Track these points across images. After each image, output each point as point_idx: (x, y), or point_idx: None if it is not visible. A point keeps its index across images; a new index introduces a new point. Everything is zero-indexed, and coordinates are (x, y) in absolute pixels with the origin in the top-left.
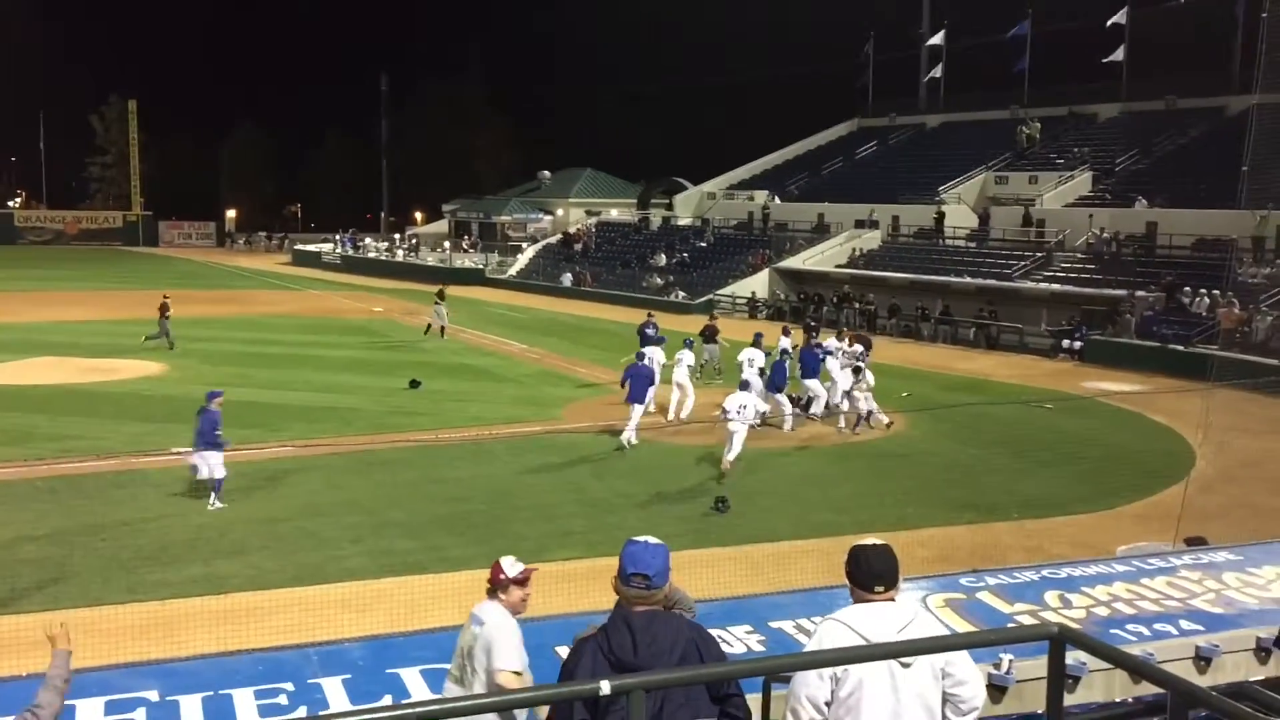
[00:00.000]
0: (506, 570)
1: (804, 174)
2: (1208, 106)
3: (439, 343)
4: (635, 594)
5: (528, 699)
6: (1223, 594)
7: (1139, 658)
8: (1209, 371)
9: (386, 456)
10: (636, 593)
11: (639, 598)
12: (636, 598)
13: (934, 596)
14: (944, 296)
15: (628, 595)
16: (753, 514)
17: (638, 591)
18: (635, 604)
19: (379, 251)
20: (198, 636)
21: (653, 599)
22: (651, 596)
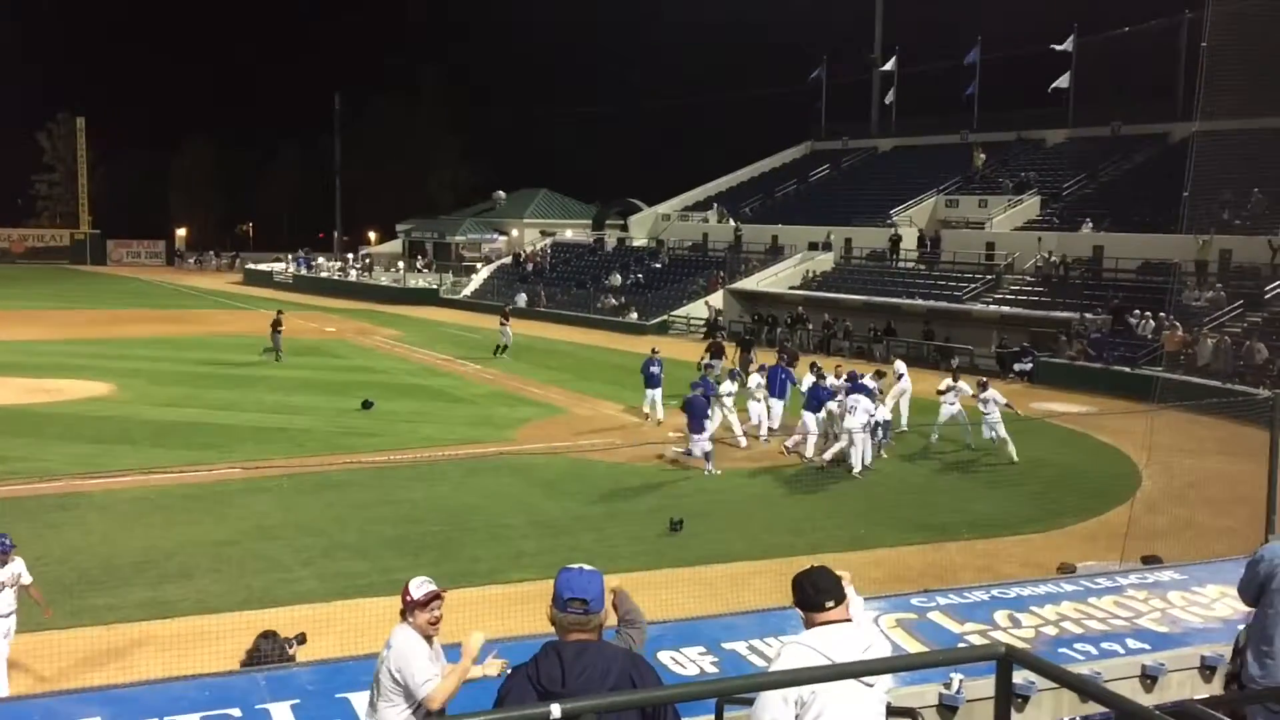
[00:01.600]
0: (411, 592)
1: (758, 196)
2: (1152, 133)
3: (391, 363)
4: (574, 619)
5: None
6: (1168, 613)
7: (1084, 677)
8: (1154, 393)
9: (338, 478)
10: (575, 618)
11: (577, 624)
12: (574, 624)
13: (886, 617)
14: (895, 318)
15: (565, 622)
16: (707, 534)
17: (576, 617)
18: (571, 631)
19: (332, 271)
20: (144, 662)
21: (590, 625)
22: (589, 622)
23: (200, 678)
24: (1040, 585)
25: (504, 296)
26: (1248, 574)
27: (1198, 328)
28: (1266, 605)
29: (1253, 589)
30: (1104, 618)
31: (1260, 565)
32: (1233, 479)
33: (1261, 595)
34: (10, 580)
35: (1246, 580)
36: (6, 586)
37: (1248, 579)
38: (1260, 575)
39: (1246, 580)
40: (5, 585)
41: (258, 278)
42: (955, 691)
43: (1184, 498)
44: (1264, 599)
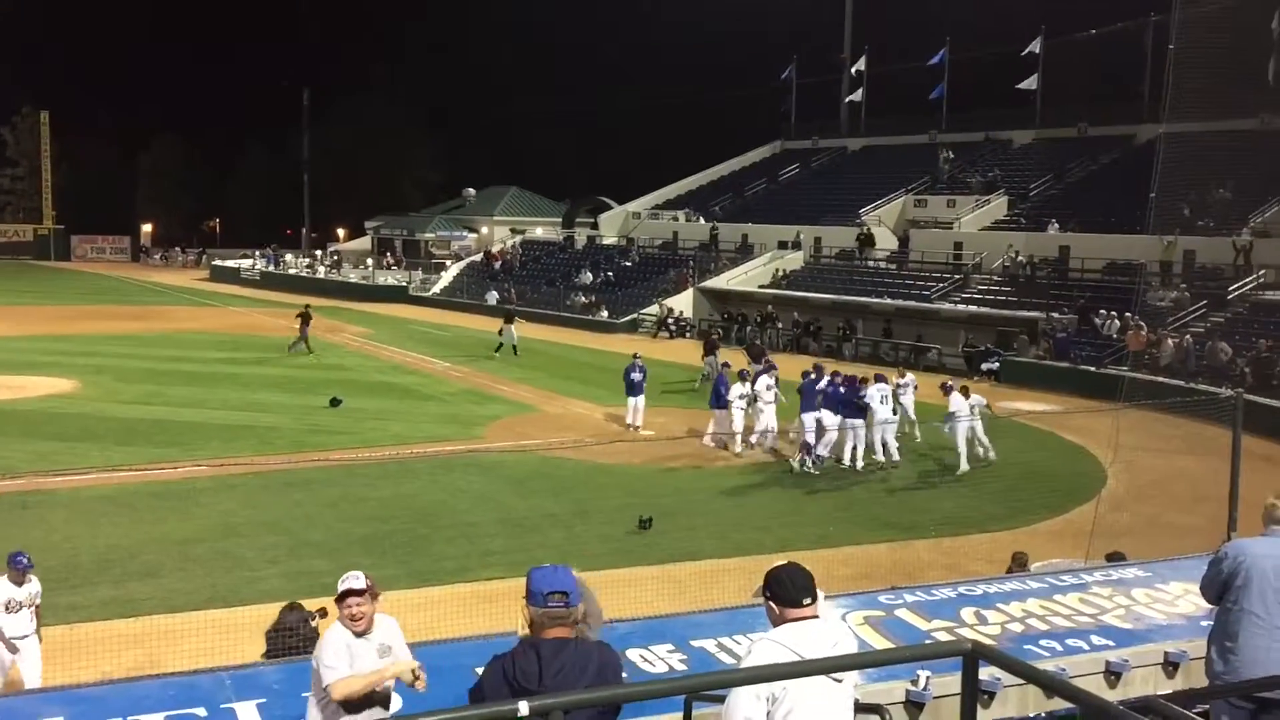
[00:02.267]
0: (337, 587)
1: (728, 195)
2: (1118, 134)
3: (360, 360)
4: (556, 613)
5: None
6: (1132, 610)
7: (1050, 673)
8: (1119, 392)
9: (306, 476)
10: (557, 611)
11: (559, 617)
12: (556, 618)
13: (854, 614)
14: (864, 317)
15: (546, 617)
16: (676, 533)
17: (558, 610)
18: (550, 627)
19: (300, 268)
20: (107, 661)
21: (570, 618)
22: (571, 615)
23: (165, 677)
24: (1006, 582)
25: (474, 294)
26: (1210, 572)
27: (1162, 327)
28: (1230, 603)
29: (1216, 587)
30: (1069, 614)
31: (1224, 564)
32: (1196, 477)
33: (1225, 593)
34: (29, 600)
35: (1209, 579)
36: (25, 606)
37: (1210, 577)
38: (1224, 574)
39: (1209, 579)
40: (24, 605)
41: (224, 274)
42: (922, 688)
43: (1148, 496)
44: (1227, 596)
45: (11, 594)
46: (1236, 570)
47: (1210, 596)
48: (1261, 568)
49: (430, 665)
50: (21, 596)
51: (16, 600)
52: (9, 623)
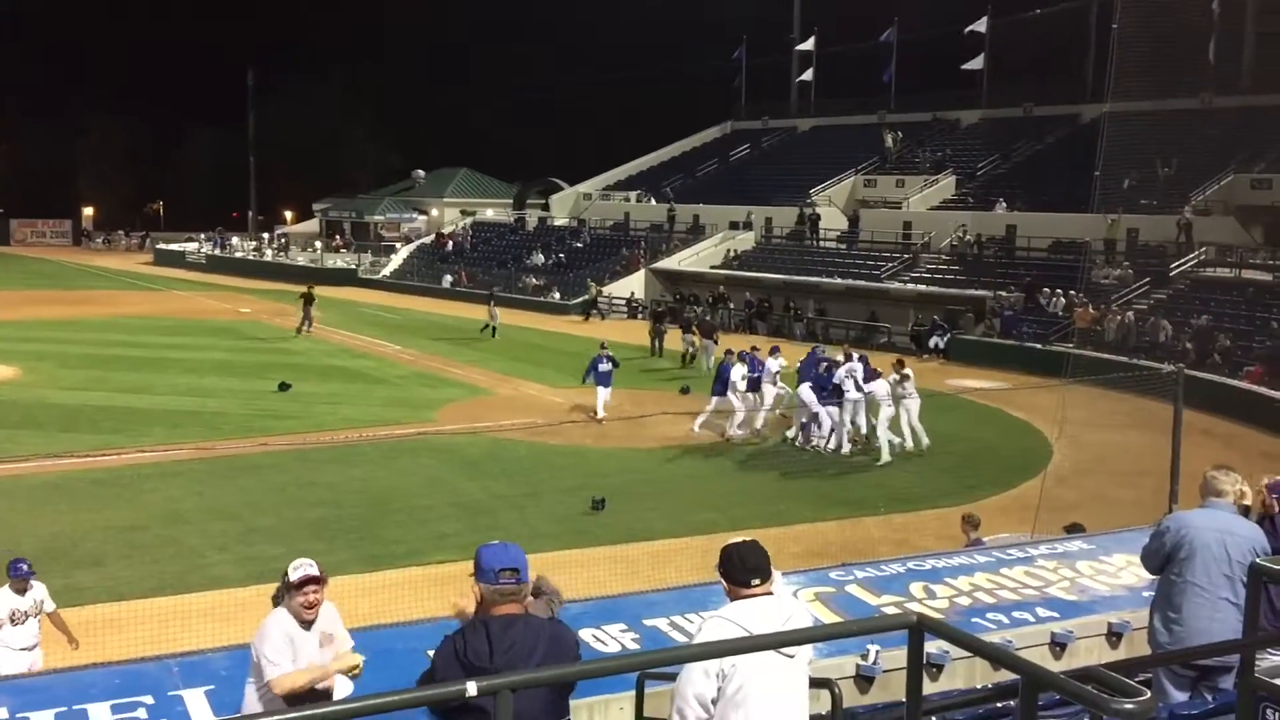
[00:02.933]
0: (289, 574)
1: (679, 176)
2: (1063, 114)
3: (309, 344)
4: (508, 589)
5: (390, 702)
6: (1077, 582)
7: (993, 644)
8: (1064, 369)
9: (254, 461)
10: (508, 588)
11: (511, 594)
12: (509, 594)
13: (805, 591)
14: (815, 296)
15: (496, 594)
16: (629, 513)
17: (509, 586)
18: (501, 604)
19: (246, 251)
20: (51, 651)
21: (521, 594)
22: (520, 591)
23: (110, 665)
24: (954, 557)
25: (425, 276)
26: (1152, 544)
27: (1105, 305)
28: (1172, 573)
29: (1159, 559)
30: (1015, 587)
31: (1166, 536)
32: (1139, 452)
33: (1167, 565)
34: (33, 609)
35: (1152, 550)
36: (30, 616)
37: (1153, 549)
38: (1166, 545)
39: (1152, 550)
40: (29, 615)
41: (169, 258)
42: (872, 662)
43: (1092, 470)
44: (1170, 568)
45: (15, 605)
46: (1179, 543)
47: (1152, 568)
48: (1204, 540)
49: (382, 649)
50: (26, 606)
51: (21, 610)
52: (15, 635)
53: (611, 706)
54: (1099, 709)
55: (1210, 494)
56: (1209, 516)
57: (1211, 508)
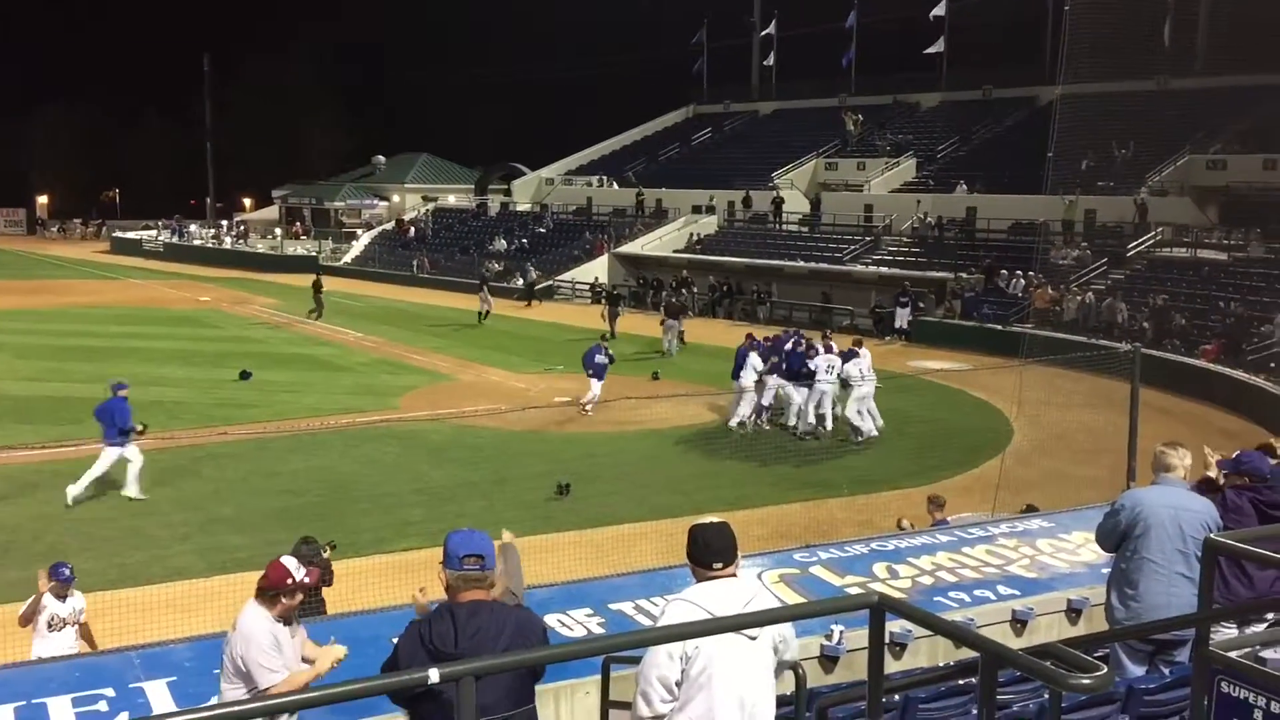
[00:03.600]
0: (293, 573)
1: (641, 160)
2: (1021, 96)
3: (269, 332)
4: (472, 576)
5: (355, 690)
6: (1037, 559)
7: (953, 623)
8: (1022, 349)
9: (215, 450)
10: (472, 574)
11: (475, 580)
12: (472, 580)
13: (769, 572)
14: (778, 280)
15: (463, 579)
16: (594, 498)
17: (473, 573)
18: (465, 590)
19: (205, 239)
20: (11, 644)
21: (486, 581)
22: (486, 578)
23: (71, 658)
24: (917, 537)
25: (386, 263)
26: (1108, 522)
27: (1064, 285)
28: (1129, 551)
29: (1115, 536)
30: (976, 566)
31: (1122, 514)
32: (1097, 430)
33: (1124, 542)
34: (71, 618)
35: (1109, 528)
36: (67, 624)
37: (1110, 528)
38: (1122, 523)
39: (1109, 528)
40: (67, 623)
41: (126, 246)
42: (836, 643)
43: (1052, 449)
44: (1126, 545)
45: (55, 610)
46: (1135, 520)
47: (1109, 545)
48: (1159, 516)
49: (348, 637)
50: (65, 613)
51: (60, 617)
52: (50, 644)
53: (578, 691)
54: (1057, 684)
55: (1161, 470)
56: (1162, 493)
57: (1164, 484)
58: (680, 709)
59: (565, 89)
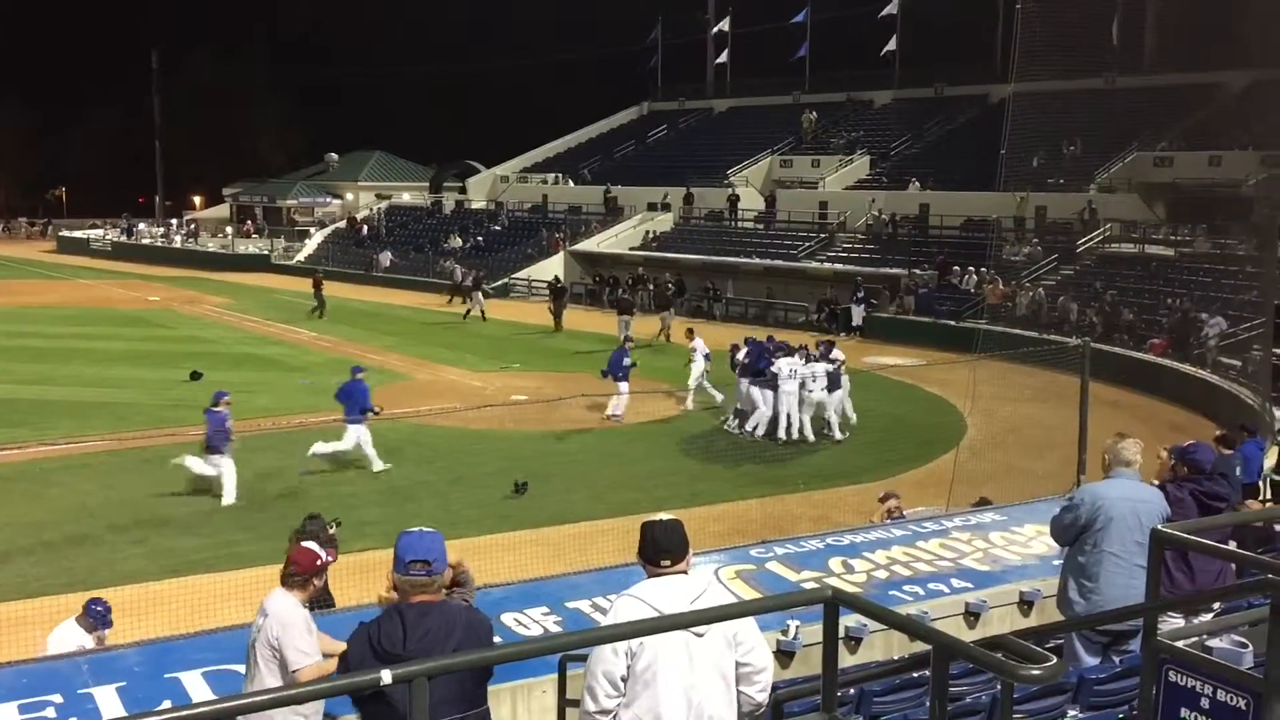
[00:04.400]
0: (323, 555)
1: (596, 157)
2: (973, 94)
3: (221, 332)
4: (417, 581)
5: (305, 692)
6: (990, 552)
7: (904, 616)
8: (975, 344)
9: (165, 453)
10: (418, 579)
11: (420, 585)
12: (418, 585)
13: (725, 569)
14: (734, 277)
15: (407, 584)
16: (552, 495)
17: (419, 578)
18: (413, 593)
19: (154, 238)
20: None
21: (433, 586)
22: (432, 583)
23: (18, 665)
24: (872, 531)
25: (339, 261)
26: (1066, 517)
27: (1015, 282)
28: (1088, 545)
29: (1073, 531)
30: (931, 559)
31: (1081, 508)
32: (1048, 424)
33: (1082, 536)
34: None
35: (1066, 523)
36: None
37: (1067, 522)
38: (1082, 518)
39: (1066, 523)
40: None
41: (73, 245)
42: (792, 637)
43: (1004, 443)
44: (1085, 539)
45: (82, 645)
46: (1095, 514)
47: (1066, 539)
48: (1119, 510)
49: None
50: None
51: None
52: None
53: (534, 690)
54: (1007, 675)
55: (1119, 464)
56: (1120, 486)
57: (1120, 477)
58: (627, 704)
59: (520, 86)
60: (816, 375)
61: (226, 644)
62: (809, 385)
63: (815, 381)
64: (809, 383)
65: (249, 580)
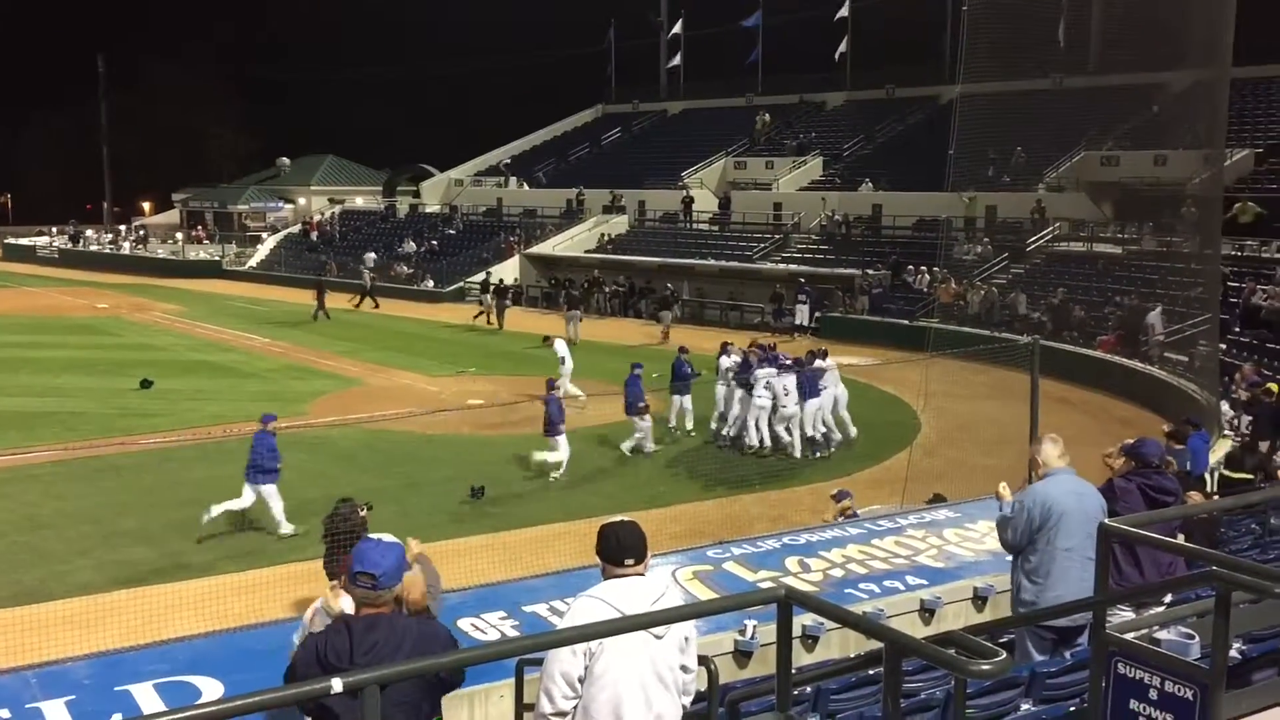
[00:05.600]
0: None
1: (551, 160)
2: (923, 95)
3: (172, 339)
4: (361, 594)
5: (252, 704)
6: (944, 549)
7: (856, 614)
8: (927, 343)
9: (115, 462)
10: (363, 593)
11: (365, 599)
12: (363, 599)
13: (683, 569)
14: (691, 279)
15: (355, 596)
16: (508, 500)
17: (364, 592)
18: (364, 606)
19: (103, 244)
20: None
21: (380, 600)
22: (379, 598)
23: None
24: (828, 530)
25: (292, 267)
26: (1018, 522)
27: (967, 280)
28: (1042, 544)
29: (1026, 535)
30: (886, 557)
31: (1033, 510)
32: (1001, 421)
33: (1035, 536)
34: None
35: (1019, 529)
36: None
37: (1021, 528)
38: (1035, 520)
39: (1019, 529)
40: None
41: (18, 253)
42: (750, 637)
43: (957, 440)
44: (1038, 539)
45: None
46: (1047, 514)
47: (1018, 544)
48: (1067, 505)
49: (258, 648)
50: None
51: None
52: None
53: (492, 695)
54: (958, 670)
55: (1054, 462)
56: (1062, 482)
57: (1059, 474)
58: (584, 706)
59: (474, 90)
60: (789, 389)
61: (178, 655)
62: (781, 399)
63: (788, 395)
64: (781, 396)
65: (199, 591)
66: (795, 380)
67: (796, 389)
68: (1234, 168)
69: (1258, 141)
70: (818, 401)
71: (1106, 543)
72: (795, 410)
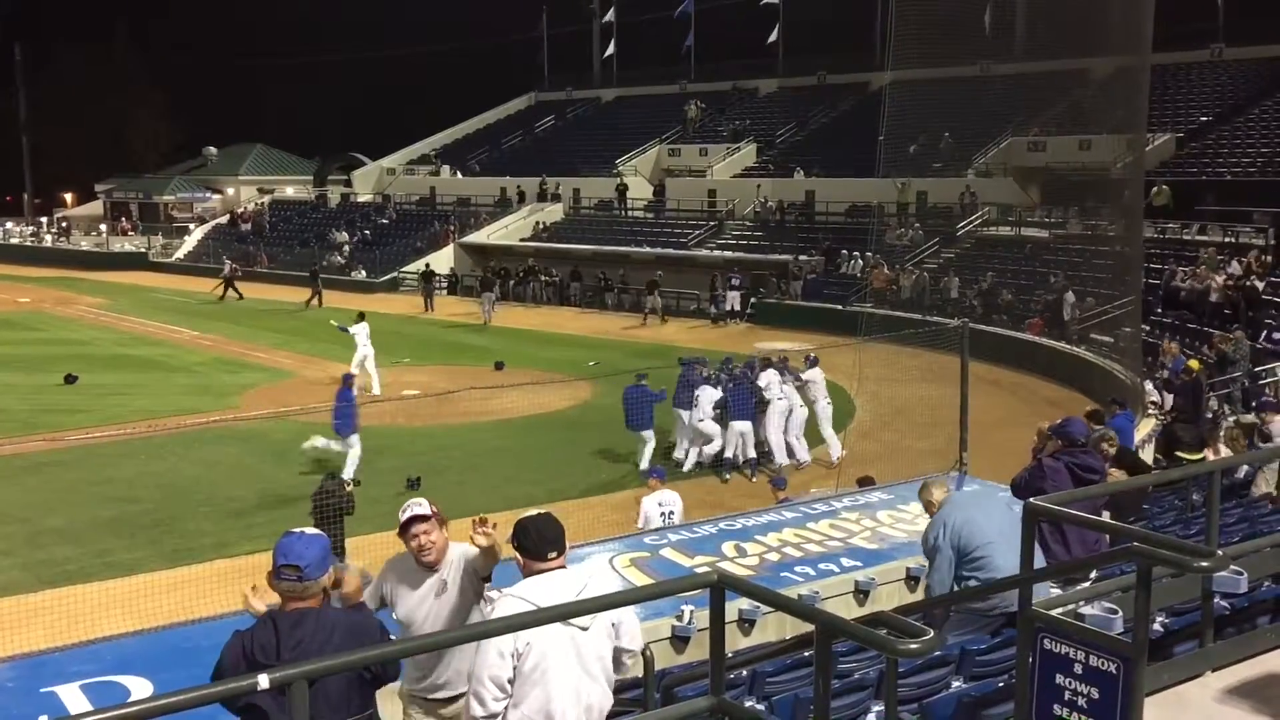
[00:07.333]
0: (401, 517)
1: (484, 148)
2: (854, 82)
3: (96, 333)
4: (286, 587)
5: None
6: (877, 531)
7: (786, 597)
8: (859, 327)
9: (38, 459)
10: (288, 586)
11: (290, 591)
12: (289, 591)
13: (620, 556)
14: (626, 266)
15: (280, 590)
16: (445, 489)
17: (289, 585)
18: (288, 600)
19: (23, 237)
20: None
21: (307, 593)
22: (305, 590)
23: None
24: (764, 515)
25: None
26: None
27: (899, 265)
28: (975, 560)
29: (953, 566)
30: (821, 540)
31: (951, 530)
32: (933, 403)
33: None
34: None
35: (945, 566)
36: None
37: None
38: (959, 542)
39: (945, 566)
40: None
41: None
42: (687, 623)
43: (892, 423)
44: (966, 559)
45: None
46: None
47: (951, 577)
48: (973, 519)
49: (188, 646)
50: None
51: None
52: None
53: None
54: (886, 650)
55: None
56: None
57: (948, 502)
58: (515, 705)
59: (405, 77)
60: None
61: (106, 654)
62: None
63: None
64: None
65: (127, 589)
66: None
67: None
68: (1156, 152)
69: (1179, 126)
70: (777, 417)
71: (1032, 522)
72: (745, 428)
